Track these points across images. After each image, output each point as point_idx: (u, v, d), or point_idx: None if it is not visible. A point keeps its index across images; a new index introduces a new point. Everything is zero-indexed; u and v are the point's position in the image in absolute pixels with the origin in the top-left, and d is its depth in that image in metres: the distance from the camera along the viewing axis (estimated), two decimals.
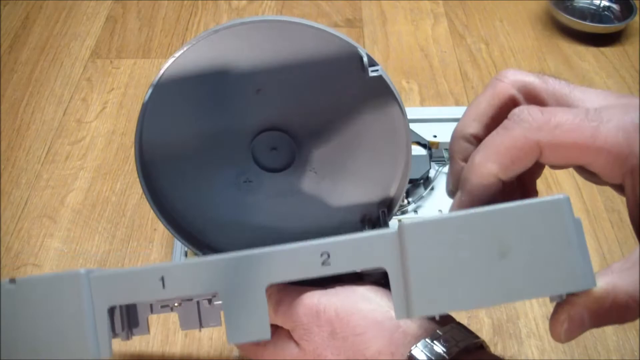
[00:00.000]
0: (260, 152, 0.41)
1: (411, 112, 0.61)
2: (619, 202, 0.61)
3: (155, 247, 0.56)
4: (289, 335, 0.37)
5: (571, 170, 0.64)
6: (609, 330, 0.50)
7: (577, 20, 0.76)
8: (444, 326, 0.33)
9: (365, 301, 0.35)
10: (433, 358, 0.31)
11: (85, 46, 0.74)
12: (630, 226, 0.28)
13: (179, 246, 0.53)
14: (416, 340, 0.32)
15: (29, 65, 0.71)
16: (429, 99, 0.70)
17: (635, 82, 0.76)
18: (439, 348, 0.31)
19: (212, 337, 0.51)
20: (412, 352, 0.31)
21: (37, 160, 0.62)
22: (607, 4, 0.81)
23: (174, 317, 0.52)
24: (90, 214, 0.58)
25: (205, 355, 0.50)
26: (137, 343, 0.50)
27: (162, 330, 0.51)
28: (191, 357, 0.50)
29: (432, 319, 0.34)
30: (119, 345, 0.50)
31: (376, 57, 0.75)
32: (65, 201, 0.59)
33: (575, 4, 0.81)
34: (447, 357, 0.31)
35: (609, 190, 0.63)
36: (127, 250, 0.55)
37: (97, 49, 0.74)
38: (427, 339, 0.31)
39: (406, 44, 0.77)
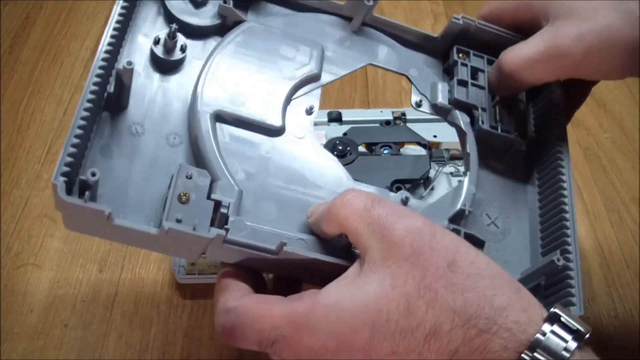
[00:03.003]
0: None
1: (411, 112, 0.61)
2: (619, 202, 0.61)
3: None
4: (354, 269, 0.29)
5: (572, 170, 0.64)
6: (609, 329, 0.50)
7: None
8: None
9: (478, 249, 0.29)
10: (577, 324, 0.27)
11: (85, 46, 0.74)
12: (631, 226, 0.28)
13: None
14: (542, 306, 0.28)
15: (29, 65, 0.71)
16: None
17: (635, 82, 0.76)
18: (577, 319, 0.27)
19: (212, 337, 0.51)
20: (555, 310, 0.27)
21: (37, 160, 0.62)
22: None
23: (174, 316, 0.52)
24: None
25: (205, 355, 0.50)
26: (137, 343, 0.50)
27: (162, 330, 0.51)
28: (191, 357, 0.50)
29: None
30: (119, 344, 0.50)
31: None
32: None
33: None
34: (588, 329, 0.27)
35: (608, 190, 0.64)
36: (127, 249, 0.55)
37: (97, 49, 0.73)
38: (561, 305, 0.27)
39: None
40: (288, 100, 0.38)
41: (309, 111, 0.39)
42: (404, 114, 0.61)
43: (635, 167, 0.65)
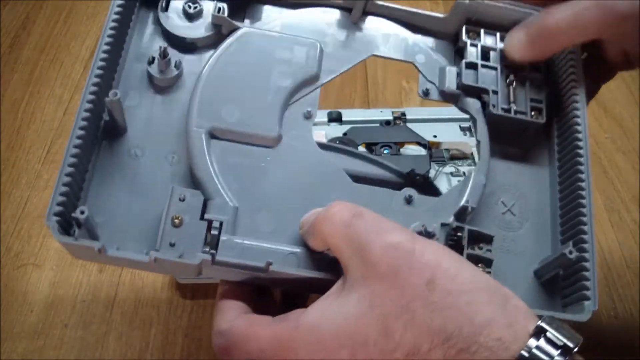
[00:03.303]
0: None
1: (411, 112, 0.62)
2: (619, 202, 0.61)
3: None
4: (337, 287, 0.29)
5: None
6: (609, 329, 0.50)
7: None
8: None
9: (465, 260, 0.29)
10: (565, 338, 0.26)
11: (85, 46, 0.74)
12: (630, 226, 0.28)
13: None
14: (531, 317, 0.27)
15: (29, 65, 0.71)
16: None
17: (635, 82, 0.76)
18: (568, 328, 0.26)
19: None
20: (541, 324, 0.26)
21: (38, 160, 0.62)
22: None
23: (174, 316, 0.52)
24: None
25: (205, 355, 0.50)
26: (137, 343, 0.50)
27: (162, 330, 0.51)
28: (191, 357, 0.50)
29: None
30: (119, 344, 0.50)
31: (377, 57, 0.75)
32: None
33: None
34: (577, 341, 0.26)
35: (609, 190, 0.63)
36: None
37: (96, 50, 0.73)
38: (549, 317, 0.27)
39: None
40: (285, 106, 0.37)
41: (307, 115, 0.38)
42: (404, 114, 0.61)
43: (635, 167, 0.65)
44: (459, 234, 0.33)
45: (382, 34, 0.41)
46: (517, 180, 0.39)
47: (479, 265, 0.33)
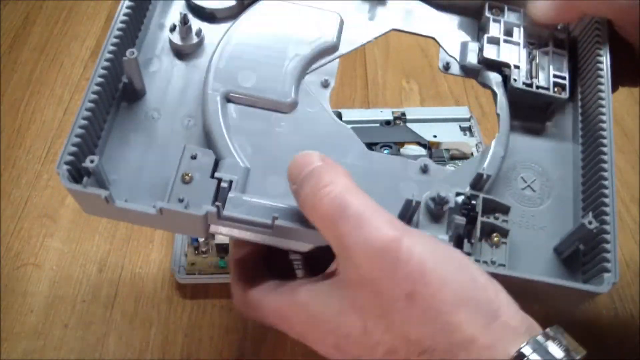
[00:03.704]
0: None
1: (411, 112, 0.62)
2: (619, 202, 0.61)
3: (155, 246, 0.56)
4: (328, 276, 0.30)
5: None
6: (609, 329, 0.50)
7: None
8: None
9: (461, 264, 0.27)
10: None
11: (85, 46, 0.74)
12: (631, 226, 0.28)
13: (179, 245, 0.53)
14: (520, 337, 0.25)
15: (29, 65, 0.71)
16: (429, 99, 0.70)
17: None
18: (556, 352, 0.25)
19: (212, 337, 0.51)
20: (522, 350, 0.24)
21: (38, 160, 0.62)
22: None
23: (174, 316, 0.52)
24: None
25: (205, 355, 0.50)
26: (137, 343, 0.50)
27: (162, 330, 0.51)
28: (191, 357, 0.50)
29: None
30: (119, 344, 0.50)
31: (376, 57, 0.75)
32: (65, 201, 0.59)
33: None
34: None
35: None
36: (127, 249, 0.55)
37: (97, 49, 0.73)
38: (538, 338, 0.25)
39: (406, 43, 0.77)
40: (302, 74, 0.38)
41: (325, 84, 0.38)
42: (404, 114, 0.61)
43: (635, 167, 0.65)
44: (473, 202, 0.33)
45: (405, 9, 0.42)
46: (538, 157, 0.38)
47: (494, 234, 0.32)
